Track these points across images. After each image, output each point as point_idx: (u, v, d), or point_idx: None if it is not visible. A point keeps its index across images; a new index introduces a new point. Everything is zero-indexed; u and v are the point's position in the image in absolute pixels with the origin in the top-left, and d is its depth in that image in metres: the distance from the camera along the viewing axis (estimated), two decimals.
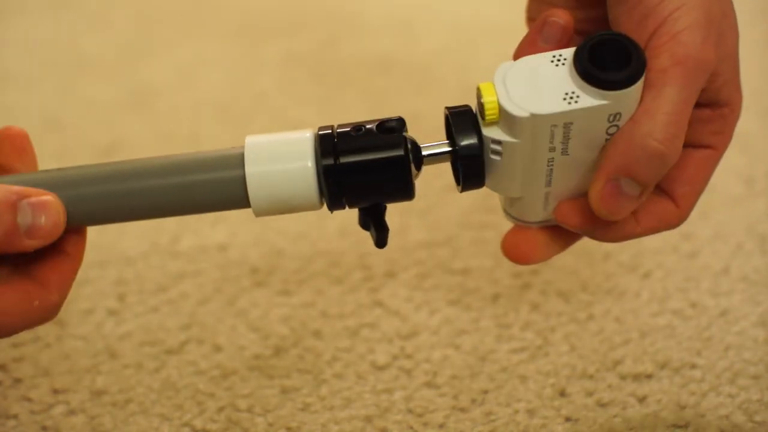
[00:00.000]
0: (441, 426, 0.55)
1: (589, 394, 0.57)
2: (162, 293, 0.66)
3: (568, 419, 0.55)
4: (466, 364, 0.59)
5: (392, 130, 0.45)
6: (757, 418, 0.54)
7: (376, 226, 0.47)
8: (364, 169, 0.45)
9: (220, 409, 0.57)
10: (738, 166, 0.78)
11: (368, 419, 0.56)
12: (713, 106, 0.47)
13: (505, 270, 0.67)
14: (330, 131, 0.46)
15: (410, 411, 0.56)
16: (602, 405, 0.56)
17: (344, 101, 0.89)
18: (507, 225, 0.72)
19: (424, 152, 0.46)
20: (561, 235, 0.50)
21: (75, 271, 0.48)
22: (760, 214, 0.72)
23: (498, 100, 0.44)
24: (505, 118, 0.44)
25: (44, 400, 0.58)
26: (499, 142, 0.45)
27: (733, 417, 0.55)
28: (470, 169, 0.46)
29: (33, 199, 0.45)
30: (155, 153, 0.85)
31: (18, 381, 0.59)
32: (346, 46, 0.98)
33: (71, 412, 0.57)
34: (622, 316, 0.63)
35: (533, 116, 0.43)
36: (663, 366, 0.58)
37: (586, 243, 0.70)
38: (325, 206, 0.47)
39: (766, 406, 0.55)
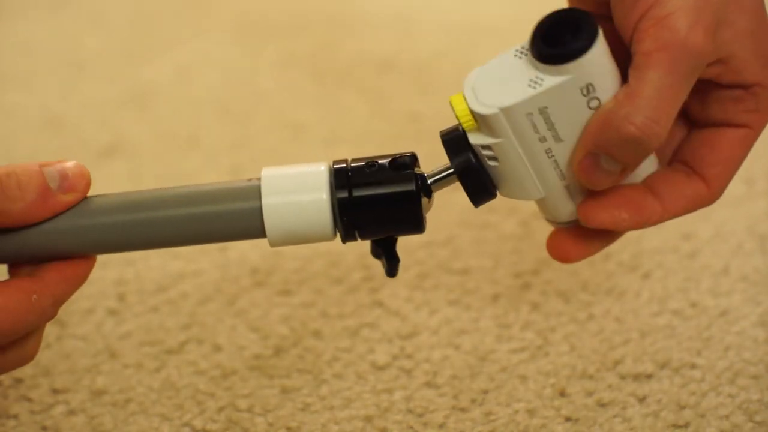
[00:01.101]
0: (441, 426, 0.55)
1: (589, 394, 0.57)
2: (162, 293, 0.66)
3: (568, 419, 0.55)
4: (466, 364, 0.59)
5: (404, 166, 0.47)
6: (757, 418, 0.54)
7: (387, 256, 0.49)
8: (377, 203, 0.47)
9: (220, 409, 0.57)
10: None
11: (368, 419, 0.56)
12: (744, 87, 0.47)
13: (505, 270, 0.67)
14: (344, 165, 0.47)
15: (410, 411, 0.56)
16: (602, 405, 0.56)
17: (344, 101, 0.89)
18: (507, 225, 0.72)
19: (430, 180, 0.47)
20: (598, 232, 0.50)
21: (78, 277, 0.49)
22: (760, 214, 0.72)
23: (468, 106, 0.45)
24: (481, 121, 0.45)
25: (44, 400, 0.58)
26: (488, 147, 0.46)
27: (733, 417, 0.55)
28: (473, 182, 0.47)
29: (54, 162, 0.47)
30: (155, 152, 0.85)
31: (18, 381, 0.59)
32: (346, 46, 0.98)
33: (71, 412, 0.57)
34: (622, 316, 0.63)
35: (503, 110, 0.44)
36: (663, 366, 0.58)
37: None
38: (338, 237, 0.48)
39: (766, 406, 0.55)
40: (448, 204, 0.73)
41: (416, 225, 0.47)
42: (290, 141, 0.85)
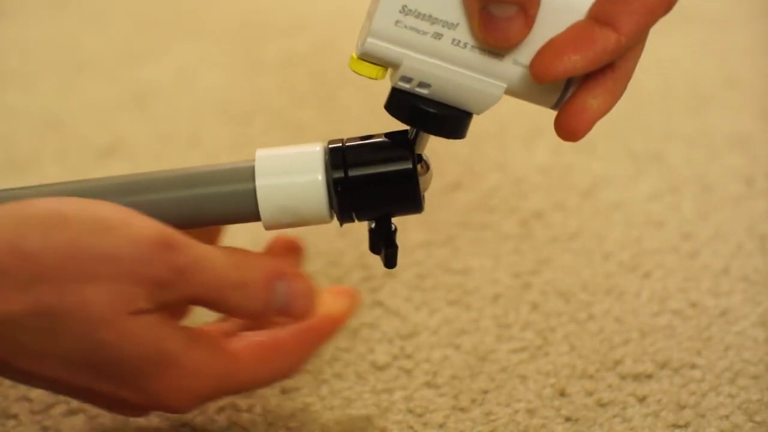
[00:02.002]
0: (441, 426, 0.55)
1: (589, 394, 0.57)
2: None
3: (568, 419, 0.55)
4: (466, 364, 0.59)
5: (401, 143, 0.46)
6: (757, 418, 0.54)
7: (386, 244, 0.48)
8: (374, 182, 0.46)
9: (220, 409, 0.57)
10: (738, 166, 0.78)
11: (368, 419, 0.56)
12: None
13: (505, 270, 0.67)
14: (340, 144, 0.47)
15: (410, 411, 0.56)
16: (602, 405, 0.56)
17: (344, 101, 0.88)
18: (507, 225, 0.72)
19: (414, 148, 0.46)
20: (587, 90, 0.46)
21: None
22: (760, 214, 0.72)
23: (356, 58, 0.45)
24: (379, 63, 0.45)
25: (44, 400, 0.58)
26: (406, 79, 0.45)
27: (733, 417, 0.55)
28: (433, 121, 0.45)
29: (290, 283, 0.47)
30: (155, 153, 0.85)
31: None
32: (346, 46, 0.98)
33: (71, 412, 0.57)
34: (622, 316, 0.63)
35: (372, 35, 0.44)
36: (663, 366, 0.58)
37: (586, 242, 0.70)
38: (335, 219, 0.47)
39: (766, 406, 0.55)
40: (448, 204, 0.73)
41: (414, 203, 0.47)
42: (290, 141, 0.84)
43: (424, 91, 0.45)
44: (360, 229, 0.48)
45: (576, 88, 0.45)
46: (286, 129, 0.86)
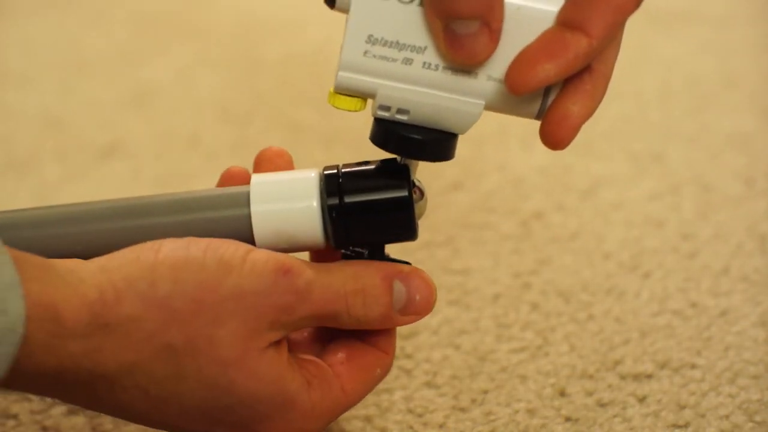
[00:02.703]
0: (441, 426, 0.55)
1: (589, 394, 0.57)
2: None
3: (568, 419, 0.55)
4: (466, 364, 0.59)
5: (396, 170, 0.46)
6: (757, 418, 0.54)
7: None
8: (369, 209, 0.46)
9: None
10: (738, 166, 0.78)
11: (368, 419, 0.56)
12: None
13: (505, 270, 0.67)
14: (335, 171, 0.47)
15: (410, 411, 0.56)
16: (602, 405, 0.56)
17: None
18: (507, 225, 0.72)
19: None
20: (567, 98, 0.45)
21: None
22: (760, 214, 0.72)
23: (331, 93, 0.45)
24: (351, 94, 0.45)
25: (44, 400, 0.58)
26: (384, 107, 0.45)
27: (733, 417, 0.55)
28: (409, 148, 0.45)
29: (406, 272, 0.47)
30: (155, 153, 0.85)
31: None
32: None
33: (71, 412, 0.57)
34: (622, 316, 0.63)
35: (343, 67, 0.44)
36: (663, 366, 0.58)
37: (586, 242, 0.70)
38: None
39: (766, 406, 0.55)
40: (448, 204, 0.73)
41: (409, 230, 0.46)
42: (290, 141, 0.85)
43: (404, 118, 0.45)
44: None
45: (556, 94, 0.44)
46: (286, 129, 0.86)
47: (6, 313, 0.38)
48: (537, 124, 0.46)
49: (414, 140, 0.45)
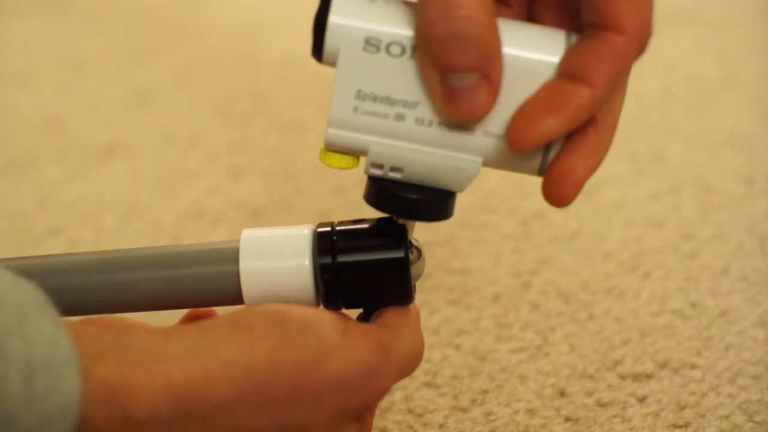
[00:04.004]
0: (441, 426, 0.55)
1: (589, 394, 0.57)
2: None
3: (568, 419, 0.55)
4: (466, 364, 0.59)
5: (393, 230, 0.44)
6: (757, 418, 0.54)
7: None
8: (363, 270, 0.44)
9: None
10: (738, 166, 0.78)
11: None
12: None
13: (505, 270, 0.67)
14: (329, 228, 0.45)
15: (410, 411, 0.56)
16: (602, 405, 0.56)
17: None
18: (507, 225, 0.72)
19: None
20: (568, 155, 0.43)
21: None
22: (760, 214, 0.72)
23: (322, 151, 0.43)
24: (342, 151, 0.43)
25: None
26: (376, 165, 0.42)
27: (733, 417, 0.55)
28: (405, 208, 0.43)
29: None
30: (155, 153, 0.85)
31: None
32: None
33: None
34: (622, 316, 0.63)
35: (331, 124, 0.42)
36: (663, 366, 0.58)
37: (586, 242, 0.70)
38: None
39: (766, 406, 0.55)
40: None
41: (405, 293, 0.45)
42: (290, 141, 0.85)
43: (398, 176, 0.42)
44: None
45: (559, 148, 0.42)
46: (286, 129, 0.86)
47: (61, 393, 0.35)
48: None
49: (409, 200, 0.43)
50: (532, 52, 0.41)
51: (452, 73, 0.39)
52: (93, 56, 1.02)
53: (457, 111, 0.40)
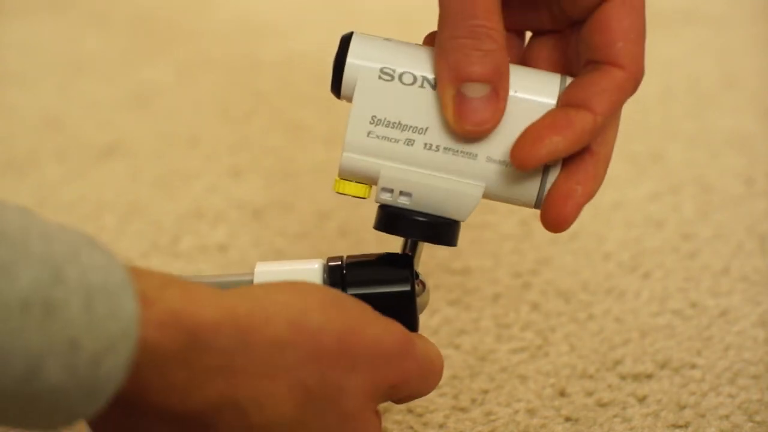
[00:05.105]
0: (441, 426, 0.55)
1: (589, 394, 0.57)
2: None
3: (568, 419, 0.55)
4: (466, 364, 0.59)
5: (401, 263, 0.47)
6: (757, 418, 0.54)
7: None
8: (371, 302, 0.45)
9: None
10: (738, 166, 0.78)
11: None
12: None
13: (505, 270, 0.67)
14: (339, 263, 0.47)
15: (410, 411, 0.56)
16: (602, 405, 0.56)
17: (344, 101, 0.88)
18: (507, 225, 0.72)
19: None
20: (570, 177, 0.46)
21: None
22: (760, 214, 0.72)
23: (337, 181, 0.46)
24: (355, 179, 0.46)
25: None
26: (387, 190, 0.46)
27: (733, 417, 0.55)
28: (416, 228, 0.46)
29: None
30: (155, 153, 0.85)
31: None
32: None
33: None
34: (622, 316, 0.63)
35: (346, 148, 0.45)
36: (663, 366, 0.58)
37: (586, 242, 0.70)
38: None
39: (766, 406, 0.55)
40: None
41: (410, 325, 0.46)
42: (290, 141, 0.85)
43: (406, 202, 0.46)
44: (361, 230, 0.48)
45: (555, 178, 0.45)
46: (286, 129, 0.86)
47: (120, 317, 0.35)
48: None
49: (419, 221, 0.46)
50: (530, 93, 0.45)
51: (467, 83, 0.43)
52: (93, 56, 1.02)
53: (466, 123, 0.43)
